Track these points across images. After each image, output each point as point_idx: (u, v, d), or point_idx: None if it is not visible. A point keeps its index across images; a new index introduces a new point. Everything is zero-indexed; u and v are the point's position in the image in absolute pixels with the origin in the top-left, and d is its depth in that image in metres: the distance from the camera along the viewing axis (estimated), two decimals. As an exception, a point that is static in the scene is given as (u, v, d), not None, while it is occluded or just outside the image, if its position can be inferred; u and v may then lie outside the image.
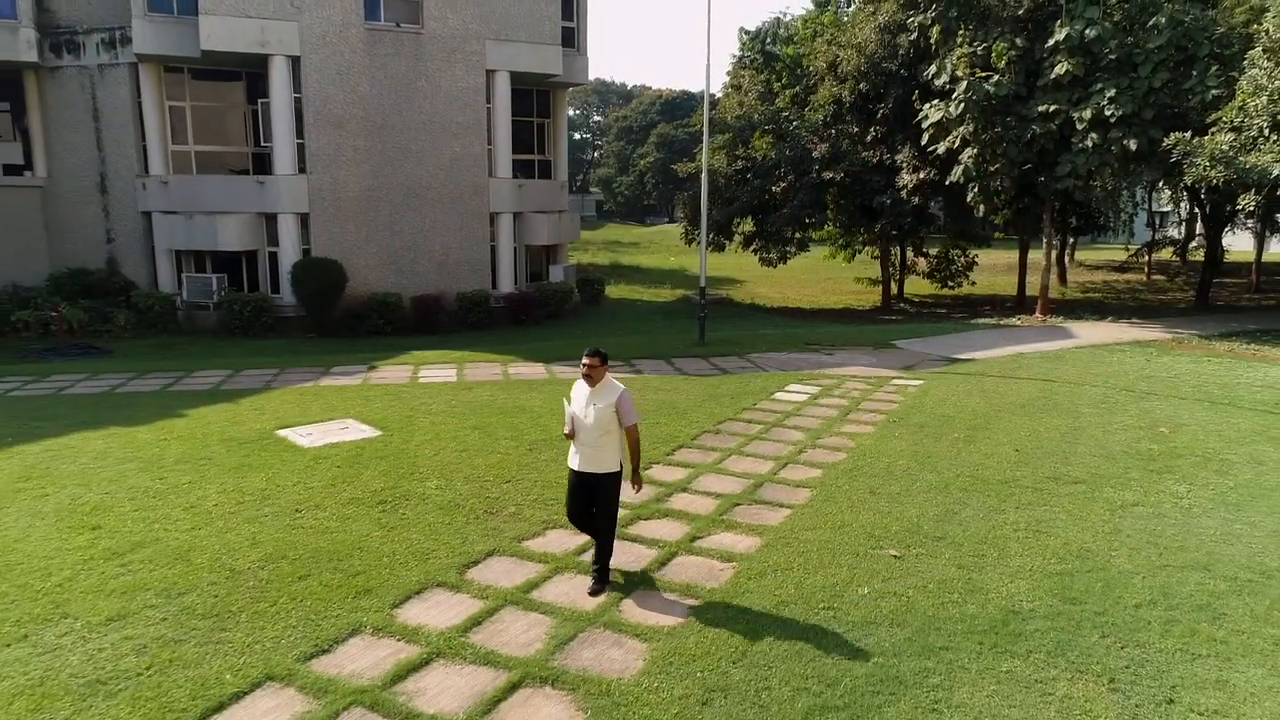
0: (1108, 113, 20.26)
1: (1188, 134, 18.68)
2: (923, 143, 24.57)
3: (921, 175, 25.76)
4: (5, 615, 5.82)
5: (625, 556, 6.89)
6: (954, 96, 22.66)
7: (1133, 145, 20.11)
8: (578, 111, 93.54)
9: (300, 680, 5.12)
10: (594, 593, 6.27)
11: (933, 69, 24.09)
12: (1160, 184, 25.81)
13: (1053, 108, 21.32)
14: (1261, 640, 5.66)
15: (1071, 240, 41.46)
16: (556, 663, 5.35)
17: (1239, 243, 41.86)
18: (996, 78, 22.00)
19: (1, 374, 14.90)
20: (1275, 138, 17.13)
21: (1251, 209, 20.49)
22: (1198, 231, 35.97)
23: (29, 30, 22.37)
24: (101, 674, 5.12)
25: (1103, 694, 5.03)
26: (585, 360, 6.23)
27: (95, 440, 10.10)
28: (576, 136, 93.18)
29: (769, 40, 36.47)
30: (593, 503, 6.34)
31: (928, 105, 23.91)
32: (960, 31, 23.37)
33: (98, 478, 8.71)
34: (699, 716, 4.79)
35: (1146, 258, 40.30)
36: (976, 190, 23.35)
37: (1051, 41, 21.35)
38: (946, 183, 24.45)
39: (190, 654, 5.36)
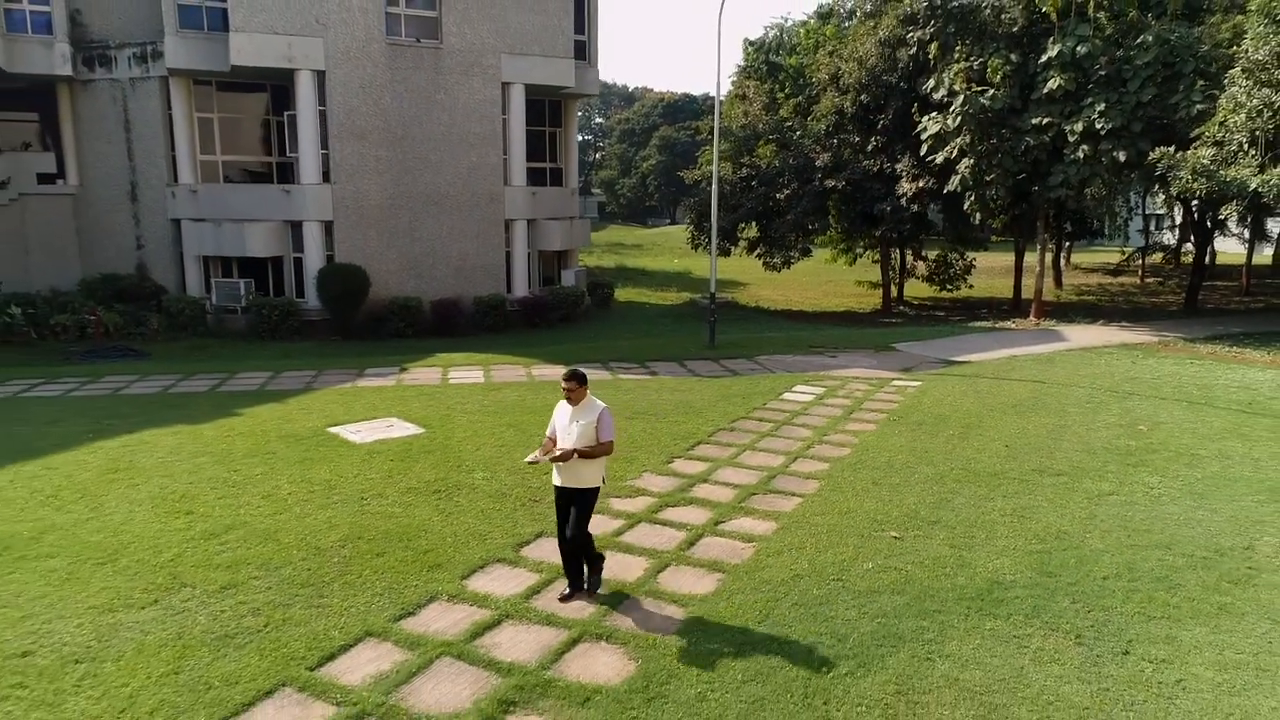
0: (1098, 125, 21.22)
1: (1171, 148, 19.64)
2: (922, 153, 25.56)
3: (920, 184, 26.70)
4: (134, 584, 6.78)
5: (658, 538, 7.86)
6: (951, 109, 23.66)
7: (1122, 156, 21.09)
8: (580, 114, 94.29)
9: (394, 636, 6.08)
10: (564, 599, 6.61)
11: (931, 82, 25.06)
12: (1155, 188, 26.71)
13: (1046, 120, 22.30)
14: (1208, 606, 6.62)
15: (1067, 244, 42.39)
16: (608, 623, 6.31)
17: (1232, 245, 42.78)
18: (992, 91, 22.99)
19: (57, 375, 15.89)
20: (1254, 152, 18.11)
21: (1236, 217, 21.45)
22: (1190, 236, 36.88)
23: (64, 45, 23.32)
24: (228, 630, 6.09)
25: (1069, 646, 5.99)
26: (564, 384, 6.56)
27: (166, 437, 11.06)
28: (579, 138, 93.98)
29: (773, 50, 37.35)
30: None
31: (926, 117, 24.91)
32: (957, 47, 24.42)
33: (178, 470, 9.68)
34: (733, 664, 5.75)
35: (1140, 261, 41.22)
36: (973, 198, 24.33)
37: (1045, 57, 22.32)
38: (944, 191, 25.39)
39: (298, 615, 6.33)
